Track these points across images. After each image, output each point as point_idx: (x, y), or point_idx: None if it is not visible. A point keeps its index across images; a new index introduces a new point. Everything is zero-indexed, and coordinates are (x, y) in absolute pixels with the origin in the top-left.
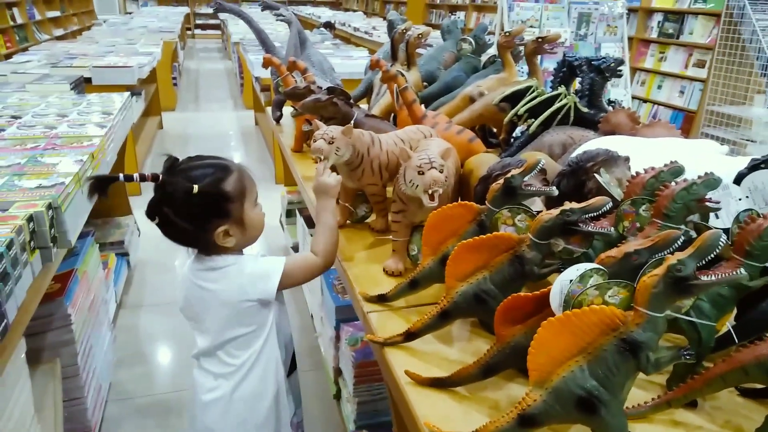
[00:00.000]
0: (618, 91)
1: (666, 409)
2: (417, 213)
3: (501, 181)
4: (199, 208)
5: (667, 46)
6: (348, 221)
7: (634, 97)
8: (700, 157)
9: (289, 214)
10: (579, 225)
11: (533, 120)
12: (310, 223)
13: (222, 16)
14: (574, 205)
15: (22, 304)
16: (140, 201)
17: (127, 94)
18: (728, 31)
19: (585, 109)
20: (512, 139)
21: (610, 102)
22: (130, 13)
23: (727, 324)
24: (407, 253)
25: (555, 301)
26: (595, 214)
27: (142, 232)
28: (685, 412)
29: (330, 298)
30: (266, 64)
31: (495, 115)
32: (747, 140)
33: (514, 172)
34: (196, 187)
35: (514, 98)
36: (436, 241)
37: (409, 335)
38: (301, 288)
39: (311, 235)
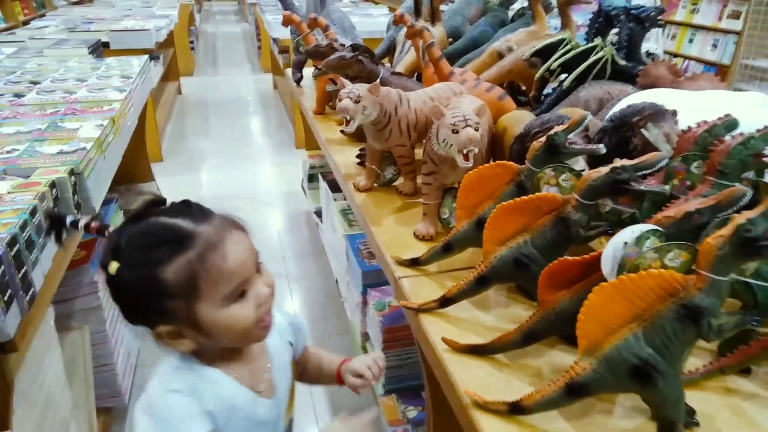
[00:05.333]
0: (648, 45)
1: (719, 376)
2: (449, 174)
3: (543, 139)
4: (123, 296)
5: None
6: (375, 184)
7: (666, 52)
8: (752, 110)
9: (311, 179)
10: (631, 184)
11: (566, 75)
12: (333, 187)
13: None
14: (626, 162)
15: (48, 272)
16: (161, 167)
17: (145, 57)
18: None
19: (623, 62)
20: (543, 97)
21: (648, 54)
22: None
23: None
24: (438, 216)
25: (607, 265)
26: (648, 171)
27: (166, 198)
28: (738, 378)
29: (356, 263)
30: (286, 22)
31: (525, 71)
32: None
33: (558, 128)
34: (113, 266)
35: (546, 52)
36: (472, 204)
37: (445, 301)
38: (324, 252)
39: (335, 200)
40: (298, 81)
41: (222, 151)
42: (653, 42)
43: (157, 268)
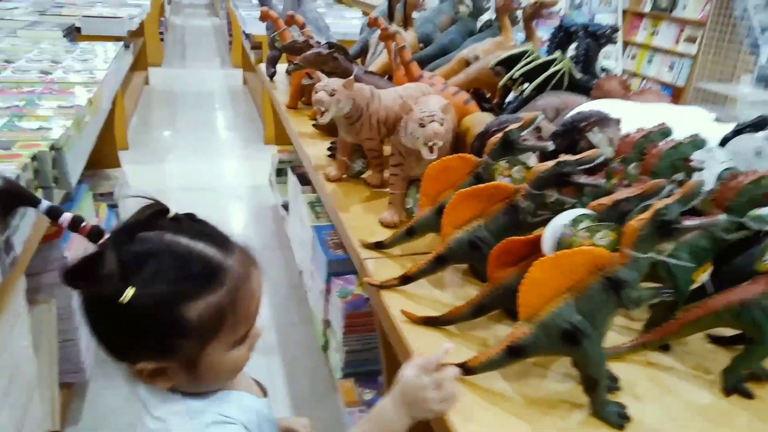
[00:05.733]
0: (608, 63)
1: (641, 350)
2: (414, 167)
3: (500, 134)
4: (124, 327)
5: (660, 21)
6: (344, 175)
7: (625, 71)
8: (689, 122)
9: (280, 173)
10: (572, 176)
11: (528, 84)
12: (303, 181)
13: None
14: (569, 157)
15: (25, 240)
16: (127, 155)
17: (120, 44)
18: (720, 7)
19: (579, 75)
20: (505, 104)
21: (603, 70)
22: None
23: (703, 277)
24: (403, 206)
25: (547, 244)
26: (588, 166)
27: (131, 187)
28: (658, 354)
29: (322, 252)
30: (263, 17)
31: (490, 78)
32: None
33: (513, 126)
34: (129, 294)
35: (509, 62)
36: (434, 192)
37: (405, 279)
38: (288, 245)
39: (303, 192)
40: (272, 76)
41: (189, 143)
42: (612, 60)
43: (182, 305)
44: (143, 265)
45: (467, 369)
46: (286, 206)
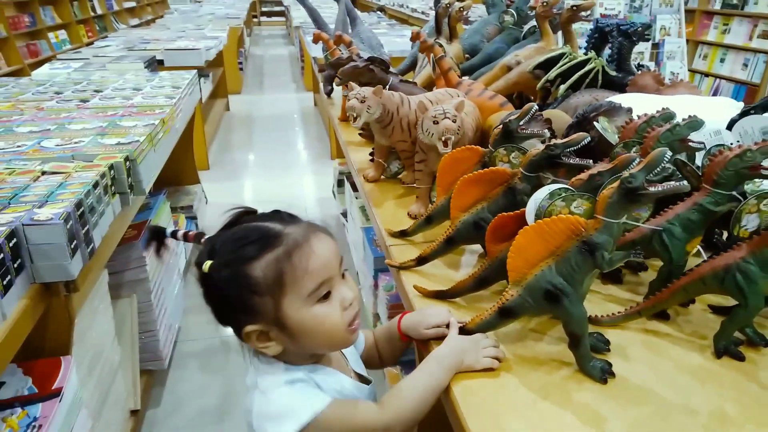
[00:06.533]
0: (674, 63)
1: (638, 318)
2: (436, 161)
3: (500, 125)
4: (215, 294)
5: (731, 18)
6: (382, 177)
7: (696, 72)
8: (716, 110)
9: (340, 183)
10: (562, 158)
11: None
12: (356, 188)
13: (285, 1)
14: (557, 140)
15: (105, 236)
16: (207, 175)
17: (194, 72)
18: None
19: (613, 73)
20: (546, 106)
21: (639, 66)
22: (199, 2)
23: (699, 248)
24: (429, 198)
25: (530, 216)
26: (574, 147)
27: (210, 201)
28: (657, 323)
29: (370, 251)
30: (316, 39)
31: (530, 82)
32: None
33: (511, 117)
34: (207, 265)
35: (547, 65)
36: (448, 182)
37: (421, 260)
38: (349, 250)
39: (357, 198)
40: (329, 93)
41: (263, 162)
42: (679, 61)
43: (245, 265)
44: (221, 245)
45: (465, 330)
46: (344, 214)
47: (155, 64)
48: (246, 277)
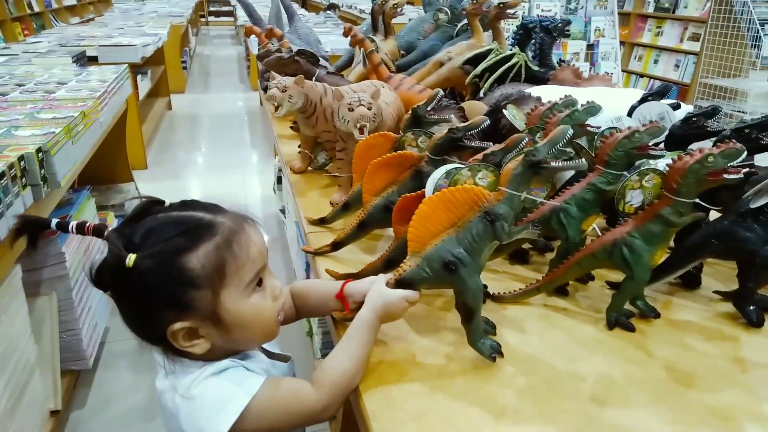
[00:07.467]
0: (608, 64)
1: (537, 294)
2: None
3: (410, 111)
4: (138, 290)
5: (664, 21)
6: (309, 168)
7: (632, 72)
8: (623, 99)
9: (279, 180)
10: (464, 141)
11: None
12: None
13: (233, 1)
14: (460, 124)
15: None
16: (145, 174)
17: (123, 66)
18: (720, 3)
19: (535, 68)
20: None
21: (561, 61)
22: (143, 1)
23: (594, 226)
24: (350, 187)
25: (428, 195)
26: (474, 131)
27: (165, 201)
28: (556, 298)
29: (302, 243)
30: (248, 33)
31: (460, 77)
32: (740, 112)
33: (420, 103)
34: (131, 258)
35: (476, 61)
36: (363, 168)
37: (336, 245)
38: (287, 246)
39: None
40: (265, 89)
41: (206, 161)
42: (612, 61)
43: (179, 257)
44: (141, 237)
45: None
46: (283, 211)
47: (85, 59)
48: (181, 270)
